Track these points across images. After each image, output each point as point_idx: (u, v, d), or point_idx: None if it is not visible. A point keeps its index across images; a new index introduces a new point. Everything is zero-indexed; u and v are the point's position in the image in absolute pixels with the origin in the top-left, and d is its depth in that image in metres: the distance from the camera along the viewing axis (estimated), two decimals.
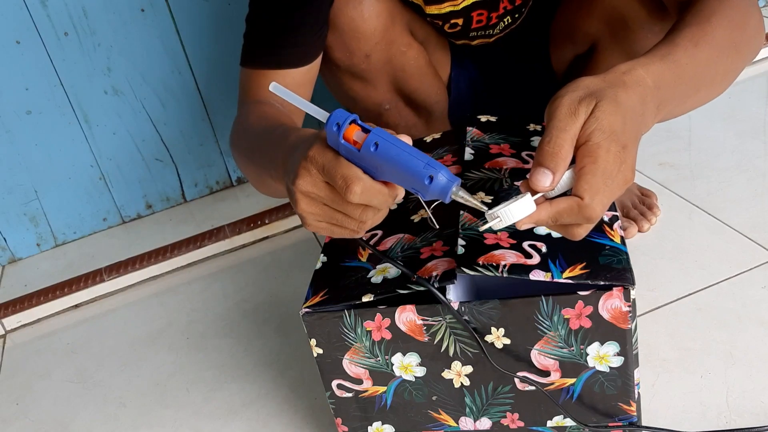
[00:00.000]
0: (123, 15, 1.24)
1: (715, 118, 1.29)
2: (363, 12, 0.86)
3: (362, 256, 0.69)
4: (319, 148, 0.56)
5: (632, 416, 0.65)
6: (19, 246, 1.37)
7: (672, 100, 0.62)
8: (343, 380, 0.69)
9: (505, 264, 0.61)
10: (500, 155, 0.77)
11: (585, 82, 0.56)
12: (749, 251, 0.96)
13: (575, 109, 0.54)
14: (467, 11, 0.91)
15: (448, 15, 0.92)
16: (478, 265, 0.61)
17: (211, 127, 1.38)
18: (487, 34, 0.96)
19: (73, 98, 1.28)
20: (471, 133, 0.82)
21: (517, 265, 0.61)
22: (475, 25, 0.94)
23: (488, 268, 0.60)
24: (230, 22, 1.29)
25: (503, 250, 0.63)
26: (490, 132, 0.82)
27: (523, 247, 0.63)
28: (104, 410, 0.96)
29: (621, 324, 0.60)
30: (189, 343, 1.05)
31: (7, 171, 1.30)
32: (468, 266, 0.61)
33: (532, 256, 0.62)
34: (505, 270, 0.60)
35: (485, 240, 0.64)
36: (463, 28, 0.94)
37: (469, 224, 0.67)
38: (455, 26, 0.94)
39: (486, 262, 0.61)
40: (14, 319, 1.19)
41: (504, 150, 0.78)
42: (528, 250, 0.63)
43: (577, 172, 0.54)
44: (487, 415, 0.68)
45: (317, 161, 0.56)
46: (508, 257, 0.61)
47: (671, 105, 0.62)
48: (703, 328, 0.85)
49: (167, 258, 1.24)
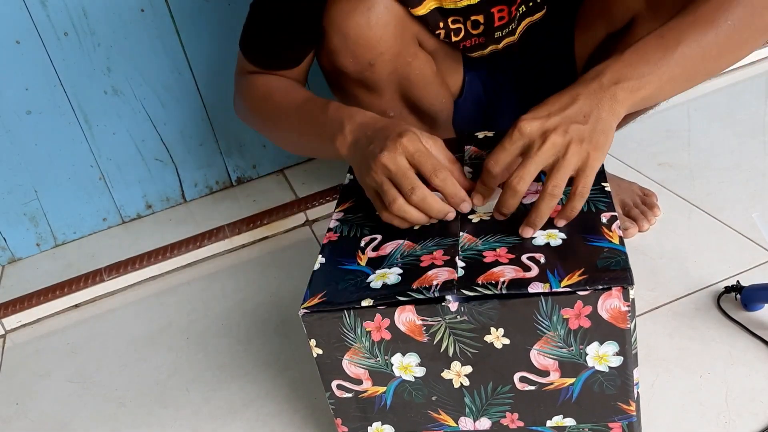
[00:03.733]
0: (123, 15, 1.24)
1: (714, 118, 1.29)
2: (370, 19, 0.85)
3: (361, 260, 0.69)
4: (412, 138, 0.70)
5: (632, 416, 0.65)
6: (19, 246, 1.37)
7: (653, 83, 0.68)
8: (343, 381, 0.69)
9: (504, 280, 0.61)
10: None
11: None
12: (749, 251, 0.96)
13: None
14: (486, 6, 0.89)
15: (467, 11, 0.90)
16: (477, 285, 0.62)
17: (211, 127, 1.38)
18: (511, 30, 0.94)
19: (73, 98, 1.28)
20: (469, 152, 0.83)
21: (515, 280, 0.61)
22: (498, 23, 0.92)
23: (487, 287, 0.61)
24: (230, 22, 1.29)
25: (502, 267, 0.63)
26: (488, 148, 0.83)
27: (522, 260, 0.63)
28: (104, 410, 0.96)
29: (620, 324, 0.60)
30: (189, 343, 1.05)
31: (7, 171, 1.30)
32: (468, 288, 0.62)
33: (530, 268, 0.62)
34: (504, 287, 0.61)
35: (485, 259, 0.65)
36: (486, 27, 0.92)
37: (468, 245, 0.67)
38: (478, 25, 0.92)
39: (485, 281, 0.62)
40: (14, 319, 1.19)
41: None
42: (526, 263, 0.63)
43: None
44: (487, 415, 0.68)
45: (408, 148, 0.69)
46: (506, 273, 0.62)
47: (654, 86, 0.69)
48: (703, 328, 0.85)
49: (167, 258, 1.24)
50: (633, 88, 0.67)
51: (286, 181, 1.42)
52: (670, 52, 0.68)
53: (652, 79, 0.68)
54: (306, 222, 1.29)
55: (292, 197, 1.35)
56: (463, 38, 0.94)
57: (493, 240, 0.67)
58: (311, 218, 1.29)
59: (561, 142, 0.65)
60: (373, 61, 0.88)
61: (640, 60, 0.68)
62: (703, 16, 0.70)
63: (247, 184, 1.45)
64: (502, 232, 0.68)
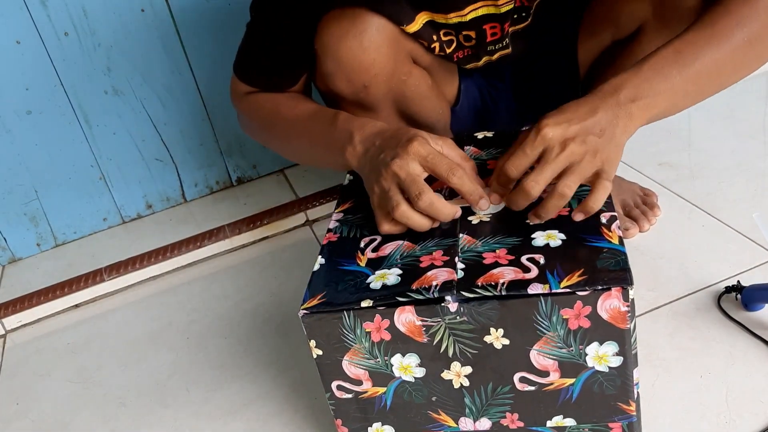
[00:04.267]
0: (123, 15, 1.24)
1: (715, 118, 1.29)
2: (363, 42, 0.85)
3: (360, 261, 0.70)
4: (422, 142, 0.70)
5: (632, 416, 0.65)
6: (19, 246, 1.37)
7: (667, 100, 0.70)
8: (343, 381, 0.69)
9: (503, 282, 0.61)
10: None
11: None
12: (749, 251, 0.96)
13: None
14: (478, 23, 0.90)
15: (458, 26, 0.90)
16: (477, 286, 0.62)
17: (211, 127, 1.38)
18: (505, 45, 0.94)
19: (73, 98, 1.28)
20: (469, 152, 0.83)
21: (515, 281, 0.61)
22: (490, 39, 0.92)
23: (487, 289, 0.61)
24: (230, 22, 1.29)
25: (502, 268, 0.63)
26: (488, 148, 0.83)
27: (522, 261, 0.64)
28: (104, 410, 0.96)
29: (620, 324, 0.60)
30: (189, 343, 1.05)
31: (7, 171, 1.30)
32: (467, 289, 0.62)
33: (530, 269, 0.62)
34: (503, 288, 0.61)
35: (484, 260, 0.65)
36: (479, 41, 0.92)
37: (468, 246, 0.67)
38: (470, 39, 0.92)
39: (485, 283, 0.62)
40: (14, 319, 1.19)
41: None
42: (526, 264, 0.63)
43: None
44: (487, 415, 0.68)
45: (420, 152, 0.69)
46: (506, 274, 0.62)
47: (666, 103, 0.70)
48: (703, 328, 0.85)
49: (167, 258, 1.24)
50: (648, 105, 0.69)
51: (286, 181, 1.42)
52: (687, 68, 0.69)
53: (667, 96, 0.69)
54: (306, 222, 1.29)
55: (292, 197, 1.35)
56: (455, 49, 0.94)
57: (493, 241, 0.67)
58: (311, 218, 1.29)
59: (579, 151, 0.66)
60: (368, 84, 0.88)
61: (656, 75, 0.69)
62: (720, 32, 0.70)
63: (247, 184, 1.45)
64: (501, 233, 0.68)
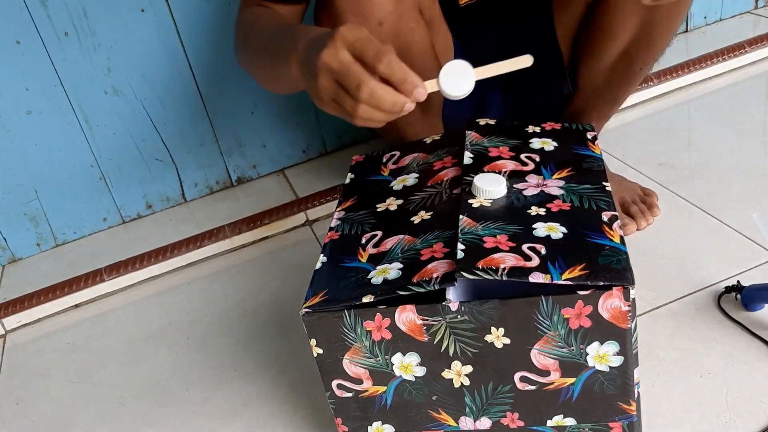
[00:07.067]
0: (123, 15, 1.24)
1: (714, 118, 1.29)
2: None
3: (362, 257, 0.69)
4: (351, 26, 0.63)
5: (632, 416, 0.65)
6: (19, 246, 1.37)
7: None
8: (343, 380, 0.69)
9: (504, 267, 0.61)
10: (499, 158, 0.77)
11: None
12: (749, 251, 0.96)
13: None
14: None
15: None
16: (478, 269, 0.61)
17: (211, 127, 1.38)
18: None
19: (73, 98, 1.28)
20: (470, 137, 0.82)
21: (516, 268, 0.61)
22: None
23: (488, 272, 0.61)
24: (230, 23, 1.28)
25: (503, 254, 0.63)
26: (489, 135, 0.83)
27: (523, 249, 0.63)
28: (104, 410, 0.96)
29: (621, 323, 0.60)
30: (189, 343, 1.05)
31: (7, 171, 1.30)
32: (468, 270, 0.61)
33: (531, 258, 0.62)
34: (504, 273, 0.60)
35: (485, 244, 0.64)
36: None
37: (468, 228, 0.67)
38: None
39: (485, 266, 0.61)
40: (14, 319, 1.19)
41: (503, 153, 0.78)
42: (527, 252, 0.63)
43: None
44: (487, 414, 0.68)
45: (347, 37, 0.62)
46: (507, 260, 0.62)
47: None
48: (703, 328, 0.85)
49: (167, 258, 1.24)
50: None
51: (286, 181, 1.42)
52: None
53: None
54: (306, 222, 1.29)
55: (292, 197, 1.35)
56: None
57: (494, 227, 0.67)
58: (311, 218, 1.29)
59: None
60: (382, 20, 0.84)
61: None
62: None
63: (247, 184, 1.45)
64: (502, 219, 0.68)
